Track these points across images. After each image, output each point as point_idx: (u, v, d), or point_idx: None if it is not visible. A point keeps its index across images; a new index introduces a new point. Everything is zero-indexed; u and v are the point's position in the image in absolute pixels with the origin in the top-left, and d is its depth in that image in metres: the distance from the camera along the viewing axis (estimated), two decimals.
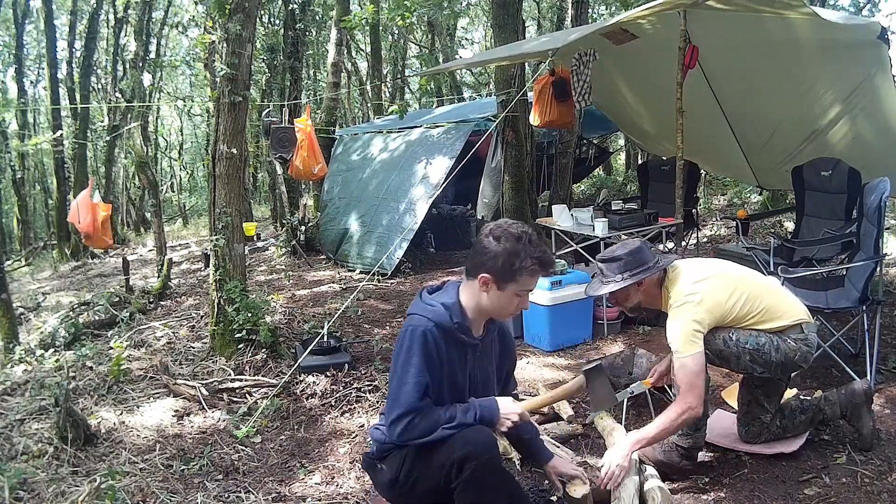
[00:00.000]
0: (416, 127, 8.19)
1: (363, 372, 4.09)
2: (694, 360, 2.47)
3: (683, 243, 5.56)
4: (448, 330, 2.01)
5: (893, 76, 4.04)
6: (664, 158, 6.59)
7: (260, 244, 9.77)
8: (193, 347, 4.78)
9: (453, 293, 2.08)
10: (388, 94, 17.58)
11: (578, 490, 2.27)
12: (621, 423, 3.24)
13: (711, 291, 2.56)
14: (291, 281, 7.19)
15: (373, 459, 2.14)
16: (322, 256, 8.32)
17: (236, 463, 3.16)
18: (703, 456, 2.88)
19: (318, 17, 12.58)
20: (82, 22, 15.58)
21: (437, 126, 7.84)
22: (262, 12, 11.29)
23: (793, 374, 2.94)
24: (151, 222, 9.77)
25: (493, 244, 1.97)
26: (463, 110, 9.00)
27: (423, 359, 1.95)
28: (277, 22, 12.05)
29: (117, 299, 6.18)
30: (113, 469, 3.02)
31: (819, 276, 4.06)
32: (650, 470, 2.64)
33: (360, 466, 2.87)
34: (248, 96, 4.57)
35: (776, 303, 2.63)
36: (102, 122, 14.98)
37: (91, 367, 4.34)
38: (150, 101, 15.98)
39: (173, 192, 23.94)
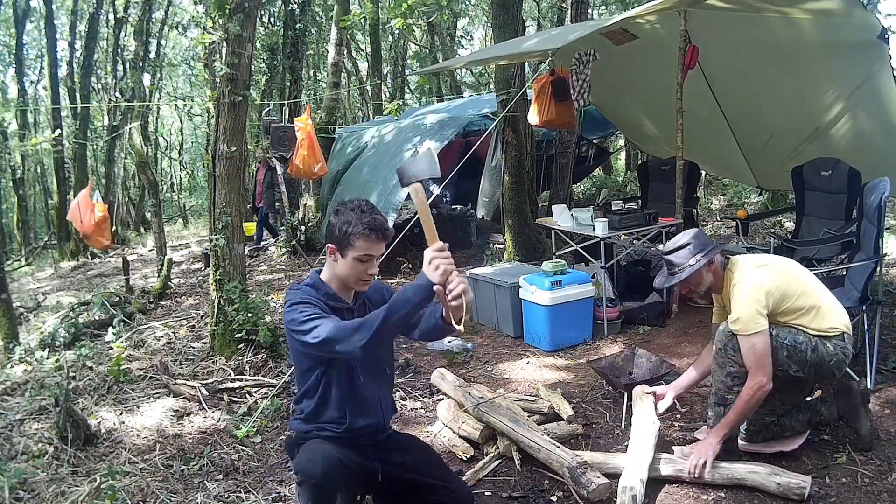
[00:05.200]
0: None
1: None
2: (761, 338, 2.56)
3: None
4: (317, 297, 2.25)
5: (894, 76, 4.04)
6: (664, 158, 6.59)
7: (260, 244, 9.77)
8: (193, 347, 4.78)
9: (314, 275, 2.35)
10: (388, 94, 17.58)
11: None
12: (621, 424, 3.25)
13: (773, 276, 2.66)
14: (291, 281, 7.19)
15: (292, 444, 2.41)
16: (322, 257, 8.31)
17: (236, 463, 3.16)
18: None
19: (318, 17, 12.58)
20: (82, 22, 15.59)
21: (431, 115, 7.88)
22: (262, 12, 11.30)
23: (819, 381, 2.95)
24: (151, 222, 9.78)
25: (334, 217, 2.24)
26: (461, 107, 9.00)
27: (306, 304, 2.16)
28: (277, 22, 12.05)
29: (117, 299, 6.18)
30: (113, 469, 3.01)
31: (819, 277, 4.05)
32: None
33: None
34: (248, 96, 4.57)
35: (827, 305, 2.70)
36: (102, 122, 14.97)
37: (91, 367, 4.34)
38: (150, 101, 15.97)
39: (173, 192, 23.92)
